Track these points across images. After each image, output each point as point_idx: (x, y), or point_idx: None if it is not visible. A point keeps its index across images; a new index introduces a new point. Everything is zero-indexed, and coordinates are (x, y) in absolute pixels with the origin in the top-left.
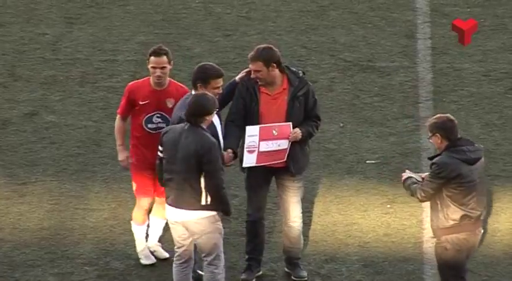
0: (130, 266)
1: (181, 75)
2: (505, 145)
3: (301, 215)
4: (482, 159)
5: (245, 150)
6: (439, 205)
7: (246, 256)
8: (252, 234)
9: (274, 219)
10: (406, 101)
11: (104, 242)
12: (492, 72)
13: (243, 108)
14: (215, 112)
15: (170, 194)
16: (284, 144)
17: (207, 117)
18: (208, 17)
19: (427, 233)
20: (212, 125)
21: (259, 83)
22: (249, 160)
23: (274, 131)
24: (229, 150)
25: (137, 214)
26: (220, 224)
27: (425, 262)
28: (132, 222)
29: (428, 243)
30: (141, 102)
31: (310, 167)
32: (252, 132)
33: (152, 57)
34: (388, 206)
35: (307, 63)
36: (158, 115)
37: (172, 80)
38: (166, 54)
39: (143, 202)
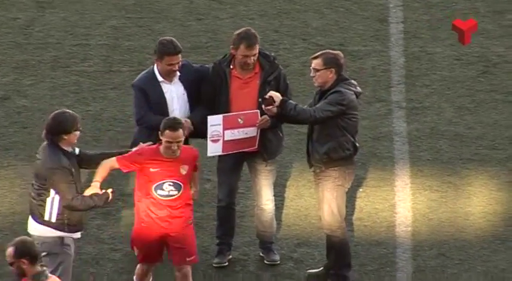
0: (103, 250)
1: (152, 59)
2: (478, 128)
3: (273, 198)
4: None
5: (208, 139)
6: (334, 136)
7: (217, 240)
8: (223, 219)
9: (247, 203)
10: (379, 85)
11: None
12: (464, 56)
13: (212, 92)
14: (76, 132)
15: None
16: (252, 132)
17: (65, 136)
18: (180, 0)
19: (400, 217)
20: (162, 98)
21: (244, 67)
22: (214, 149)
23: (239, 120)
24: (188, 120)
25: (138, 271)
26: (69, 249)
27: (397, 245)
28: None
29: (401, 227)
30: (152, 170)
31: (283, 151)
32: (214, 121)
33: (167, 132)
34: (361, 190)
35: (279, 48)
36: (170, 183)
37: (187, 147)
38: (182, 127)
39: (145, 266)
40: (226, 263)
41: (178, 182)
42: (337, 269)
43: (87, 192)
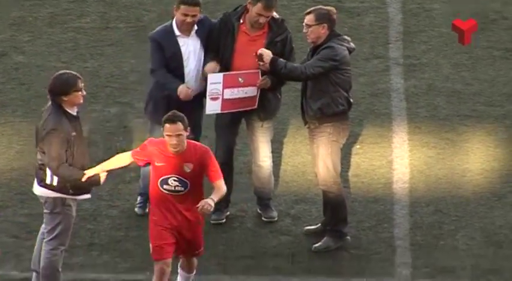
0: (100, 206)
1: (149, 15)
2: (475, 85)
3: (270, 155)
4: None
5: (208, 97)
6: (327, 92)
7: None
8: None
9: (244, 160)
10: (376, 42)
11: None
12: (462, 13)
13: (217, 43)
14: (76, 93)
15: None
16: (252, 91)
17: (65, 98)
18: None
19: (397, 173)
20: (178, 52)
21: (255, 25)
22: (213, 107)
23: (240, 79)
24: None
25: (154, 277)
26: (70, 210)
27: (395, 202)
28: None
29: (398, 183)
30: (157, 164)
31: (281, 107)
32: (214, 79)
33: (167, 125)
34: (358, 146)
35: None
36: (175, 179)
37: (189, 141)
38: (181, 121)
39: (160, 265)
40: (224, 220)
41: (183, 179)
42: (334, 225)
43: (89, 172)
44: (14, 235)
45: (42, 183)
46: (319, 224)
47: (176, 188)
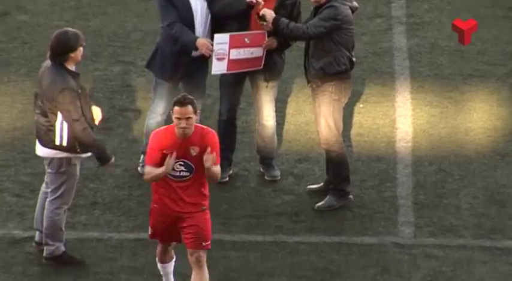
0: None
1: None
2: (478, 44)
3: (274, 114)
4: None
5: (214, 57)
6: (329, 51)
7: None
8: (224, 133)
9: (247, 119)
10: (379, 1)
11: None
12: None
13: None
14: (81, 48)
15: (36, 129)
16: (258, 52)
17: (72, 54)
18: None
19: (400, 132)
20: (189, 12)
21: None
22: (219, 67)
23: (246, 39)
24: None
25: (158, 251)
26: (74, 170)
27: (398, 161)
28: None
29: (401, 142)
30: (164, 151)
31: (285, 66)
32: (220, 40)
33: (176, 107)
34: (361, 105)
35: None
36: (181, 163)
37: (197, 125)
38: (190, 103)
39: (162, 246)
40: (227, 179)
41: (189, 162)
42: (337, 184)
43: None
44: (17, 194)
45: (51, 144)
46: (322, 183)
47: (181, 173)
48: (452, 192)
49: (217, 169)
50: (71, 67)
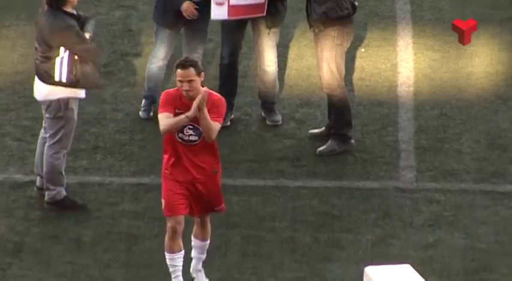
0: (105, 110)
1: None
2: None
3: (276, 59)
4: None
5: (212, 2)
6: None
7: None
8: (225, 77)
9: (249, 63)
10: None
11: None
12: None
13: None
14: None
15: (35, 69)
16: None
17: None
18: None
19: (402, 77)
20: None
21: None
22: (218, 12)
23: None
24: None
25: (166, 239)
26: (72, 114)
27: (400, 105)
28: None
29: (403, 87)
30: (177, 111)
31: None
32: None
33: (178, 70)
34: (363, 50)
35: None
36: (190, 127)
37: (207, 90)
38: (193, 66)
39: (172, 222)
40: (229, 123)
41: (197, 126)
42: (338, 129)
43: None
44: (18, 138)
45: (50, 81)
46: (324, 128)
47: (190, 137)
48: (453, 136)
49: (215, 125)
50: (71, 10)
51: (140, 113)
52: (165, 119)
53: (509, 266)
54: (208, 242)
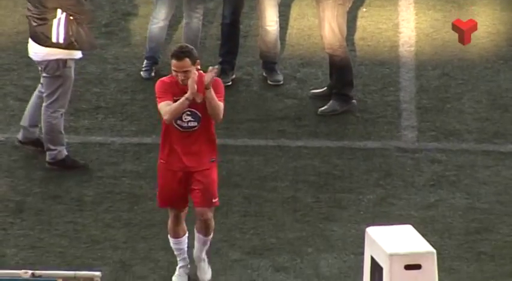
0: (106, 70)
1: None
2: None
3: (277, 19)
4: None
5: None
6: None
7: (220, 59)
8: (227, 36)
9: (251, 23)
10: None
11: None
12: None
13: None
14: None
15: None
16: None
17: None
18: None
19: (403, 37)
20: None
21: None
22: None
23: None
24: None
25: (170, 223)
26: (70, 72)
27: (401, 65)
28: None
29: (405, 46)
30: (174, 98)
31: None
32: None
33: (173, 60)
34: (364, 9)
35: None
36: (188, 113)
37: (202, 73)
38: (188, 56)
39: (173, 211)
40: (230, 83)
41: (196, 111)
42: (340, 89)
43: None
44: (19, 98)
45: (47, 43)
46: (325, 88)
47: (189, 123)
48: (455, 96)
49: (220, 103)
50: None
51: (142, 73)
52: (166, 107)
53: (510, 226)
54: (211, 236)
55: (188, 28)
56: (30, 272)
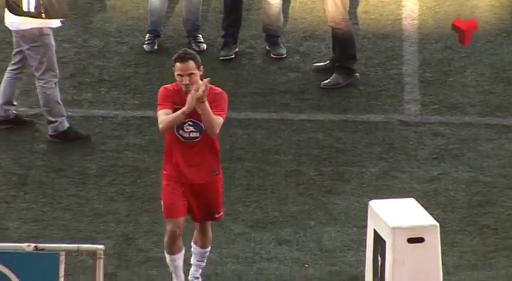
0: (109, 43)
1: None
2: None
3: None
4: None
5: None
6: None
7: (223, 32)
8: (230, 10)
9: None
10: None
11: (82, 19)
12: None
13: None
14: None
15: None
16: None
17: None
18: None
19: (406, 10)
20: None
21: None
22: None
23: None
24: None
25: (166, 240)
26: (49, 40)
27: (404, 39)
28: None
29: (408, 20)
30: (175, 106)
31: None
32: None
33: (177, 64)
34: None
35: None
36: (190, 123)
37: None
38: (192, 58)
39: (171, 226)
40: (233, 56)
41: (197, 122)
42: (343, 62)
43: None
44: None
45: (19, 11)
46: (328, 61)
47: (191, 134)
48: (458, 69)
49: (218, 119)
50: None
51: (144, 46)
52: (163, 117)
53: None
54: (208, 249)
55: (189, 1)
56: (33, 245)
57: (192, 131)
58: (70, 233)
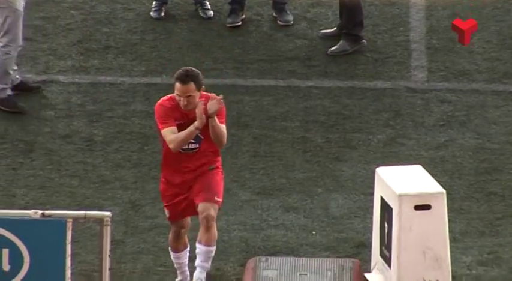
0: (116, 10)
1: None
2: None
3: None
4: None
5: None
6: None
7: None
8: None
9: None
10: None
11: None
12: None
13: None
14: None
15: None
16: None
17: None
18: None
19: None
20: None
21: None
22: None
23: None
24: None
25: (170, 238)
26: (15, 3)
27: (411, 5)
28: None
29: None
30: (177, 122)
31: None
32: None
33: (177, 84)
34: None
35: None
36: None
37: (204, 93)
38: (193, 80)
39: (175, 226)
40: (240, 23)
41: (198, 134)
42: (349, 29)
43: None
44: (29, 38)
45: None
46: (335, 28)
47: (190, 145)
48: None
49: (223, 127)
50: None
51: (151, 13)
52: (172, 136)
53: None
54: (213, 248)
55: None
56: (40, 212)
57: (191, 143)
58: (77, 200)
